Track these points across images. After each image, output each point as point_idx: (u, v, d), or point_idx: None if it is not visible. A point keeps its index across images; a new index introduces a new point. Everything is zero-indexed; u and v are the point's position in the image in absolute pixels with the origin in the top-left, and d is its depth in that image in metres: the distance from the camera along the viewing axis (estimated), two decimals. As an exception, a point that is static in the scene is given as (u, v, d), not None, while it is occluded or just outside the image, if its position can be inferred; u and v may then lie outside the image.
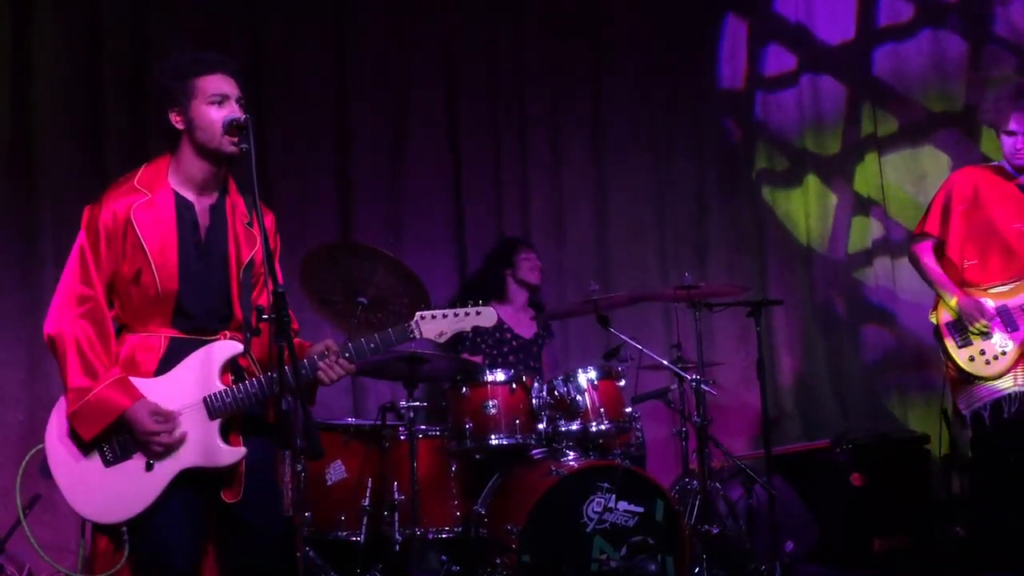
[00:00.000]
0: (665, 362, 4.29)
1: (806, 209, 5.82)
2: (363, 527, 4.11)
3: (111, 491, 2.51)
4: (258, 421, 2.62)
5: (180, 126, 2.62)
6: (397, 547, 4.05)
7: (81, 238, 2.60)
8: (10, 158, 4.68)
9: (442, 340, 2.70)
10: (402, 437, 4.19)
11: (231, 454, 2.55)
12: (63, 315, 2.56)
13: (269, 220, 2.75)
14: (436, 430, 4.30)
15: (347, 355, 2.62)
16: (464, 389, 4.12)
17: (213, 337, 2.63)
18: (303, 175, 5.13)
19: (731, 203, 5.81)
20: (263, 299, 2.66)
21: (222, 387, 2.58)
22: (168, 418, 2.53)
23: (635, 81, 5.75)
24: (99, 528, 2.56)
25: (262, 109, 2.57)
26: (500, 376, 4.14)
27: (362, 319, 4.00)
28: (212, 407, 2.56)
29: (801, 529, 4.55)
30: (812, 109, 5.78)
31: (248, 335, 2.59)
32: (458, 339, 4.70)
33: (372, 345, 2.64)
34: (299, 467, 3.39)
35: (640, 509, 3.78)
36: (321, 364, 2.59)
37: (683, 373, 4.21)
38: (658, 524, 3.78)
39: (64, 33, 4.77)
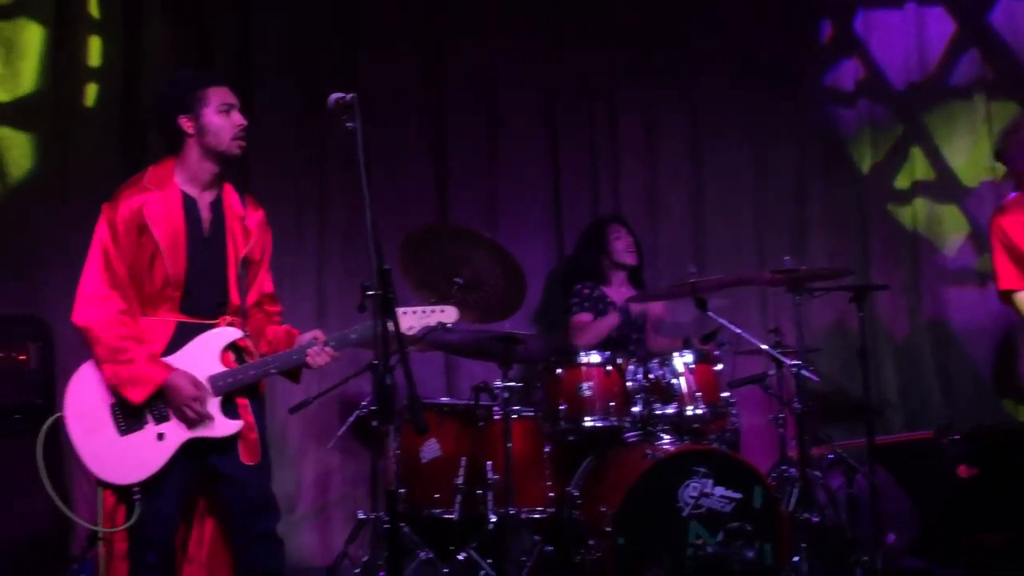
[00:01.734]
0: (764, 347, 4.20)
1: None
2: (457, 505, 4.16)
3: (125, 457, 2.81)
4: (255, 388, 2.99)
5: (190, 131, 2.93)
6: (491, 526, 4.08)
7: (103, 233, 2.89)
8: (122, 149, 4.83)
9: (411, 334, 2.95)
10: (496, 417, 4.21)
11: (230, 426, 2.88)
12: (93, 305, 2.85)
13: (259, 215, 3.08)
14: (530, 411, 4.31)
15: (332, 344, 2.93)
16: (559, 370, 4.11)
17: (214, 321, 2.93)
18: (398, 159, 5.18)
19: (832, 186, 5.64)
20: (255, 291, 3.06)
21: (223, 368, 2.90)
22: (201, 387, 2.83)
23: (732, 62, 5.61)
24: (113, 490, 2.84)
25: (358, 91, 2.64)
26: (595, 358, 4.12)
27: (459, 299, 4.03)
28: (216, 385, 2.88)
29: (903, 521, 4.41)
30: (919, 87, 5.59)
31: (244, 320, 2.98)
32: (566, 307, 4.74)
33: (354, 336, 2.94)
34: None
35: (738, 495, 3.72)
36: (310, 351, 2.91)
37: (783, 358, 4.11)
38: (756, 511, 3.72)
39: (175, 40, 4.91)
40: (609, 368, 4.09)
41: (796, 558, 3.84)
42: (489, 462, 4.16)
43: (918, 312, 5.60)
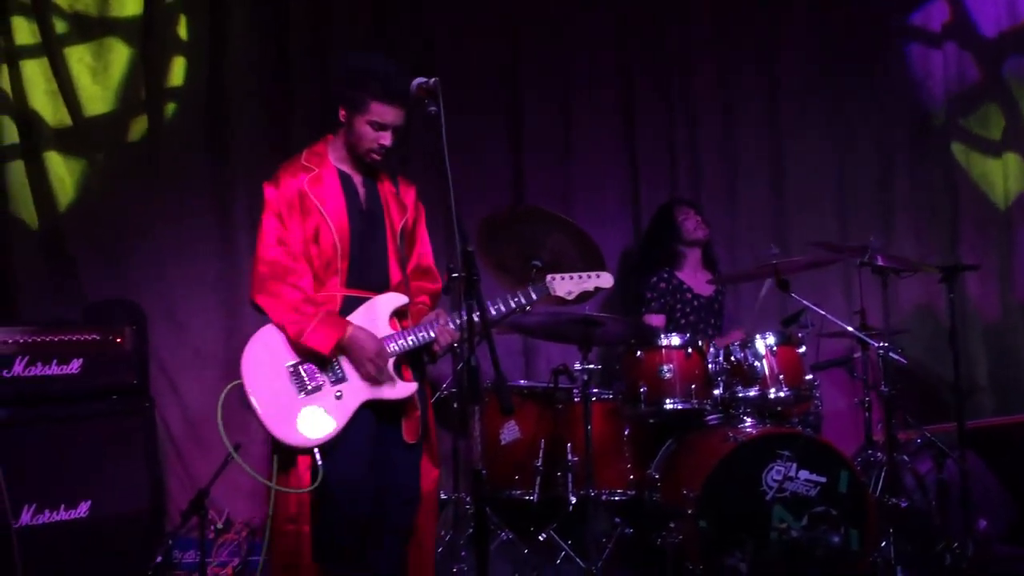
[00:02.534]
0: (850, 328, 4.11)
1: (1004, 171, 5.43)
2: (536, 487, 4.17)
3: (304, 417, 2.83)
4: (419, 364, 3.03)
5: (343, 120, 3.01)
6: (571, 508, 4.09)
7: (268, 211, 2.96)
8: (208, 133, 4.94)
9: (570, 298, 3.14)
10: (576, 399, 4.21)
11: (405, 388, 2.93)
12: (270, 279, 2.91)
13: (413, 190, 3.17)
14: (609, 393, 4.30)
15: (456, 324, 2.93)
16: (639, 353, 4.09)
17: (379, 294, 2.97)
18: (474, 142, 5.19)
19: (919, 166, 5.48)
20: (413, 263, 3.11)
21: (393, 331, 2.95)
22: (381, 344, 2.89)
23: (814, 40, 5.48)
24: (295, 451, 2.84)
25: (435, 72, 2.69)
26: (675, 340, 4.09)
27: (537, 281, 4.02)
28: (388, 347, 2.90)
29: (996, 508, 4.29)
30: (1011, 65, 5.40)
31: (406, 290, 2.98)
32: (640, 300, 4.69)
33: (513, 301, 3.05)
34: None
35: (823, 479, 3.66)
36: (438, 328, 2.93)
37: (870, 340, 4.01)
38: (842, 495, 3.65)
39: (256, 18, 4.99)
40: (690, 350, 4.05)
41: (883, 543, 3.76)
42: (569, 444, 4.16)
43: (1010, 293, 5.42)
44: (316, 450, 2.81)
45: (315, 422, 2.84)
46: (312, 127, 4.87)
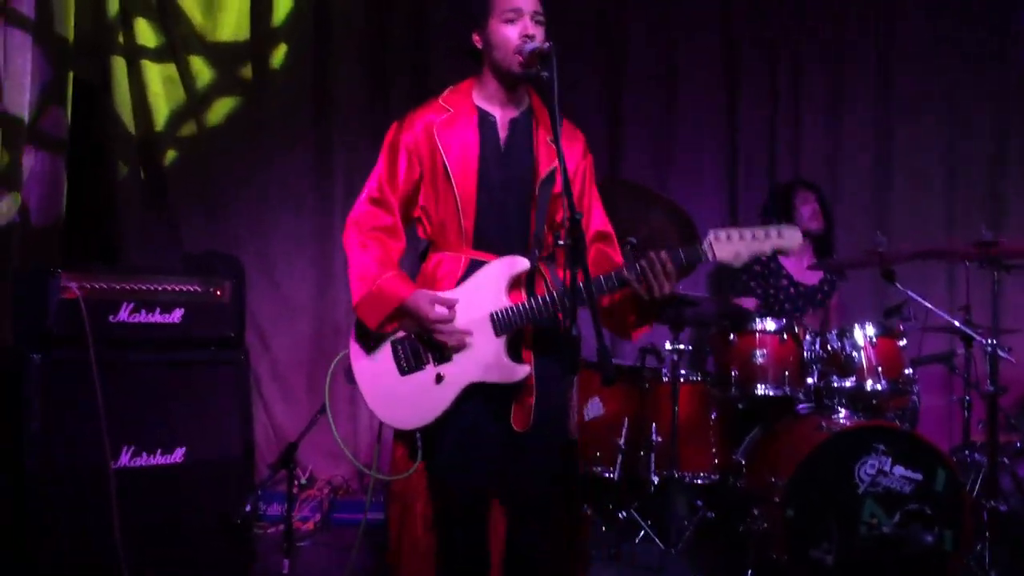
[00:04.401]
0: (957, 323, 3.96)
1: None
2: (618, 464, 4.13)
3: (405, 399, 2.61)
4: (551, 339, 2.56)
5: (480, 46, 2.64)
6: (652, 488, 4.06)
7: (382, 154, 2.69)
8: (312, 93, 4.99)
9: (738, 263, 2.46)
10: (664, 379, 4.16)
11: (517, 371, 2.55)
12: (358, 223, 2.65)
13: (579, 142, 2.75)
14: (697, 375, 4.23)
15: (676, 258, 2.45)
16: (732, 336, 4.00)
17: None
18: (571, 111, 5.14)
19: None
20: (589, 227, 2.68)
21: (509, 303, 2.57)
22: (449, 305, 2.56)
23: (928, 16, 5.25)
24: (397, 434, 2.69)
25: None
26: (771, 325, 3.99)
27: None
28: (497, 322, 2.56)
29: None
30: None
31: (536, 252, 2.57)
32: (734, 279, 4.58)
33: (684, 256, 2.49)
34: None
35: (918, 476, 3.53)
36: (651, 255, 2.44)
37: (978, 337, 3.85)
38: (938, 494, 3.53)
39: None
40: (785, 336, 3.96)
41: (979, 546, 3.64)
42: (654, 424, 4.12)
43: None
44: (417, 435, 2.61)
45: (415, 405, 2.59)
46: (414, 89, 4.91)
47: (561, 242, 2.41)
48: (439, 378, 2.59)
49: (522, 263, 2.60)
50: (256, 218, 4.97)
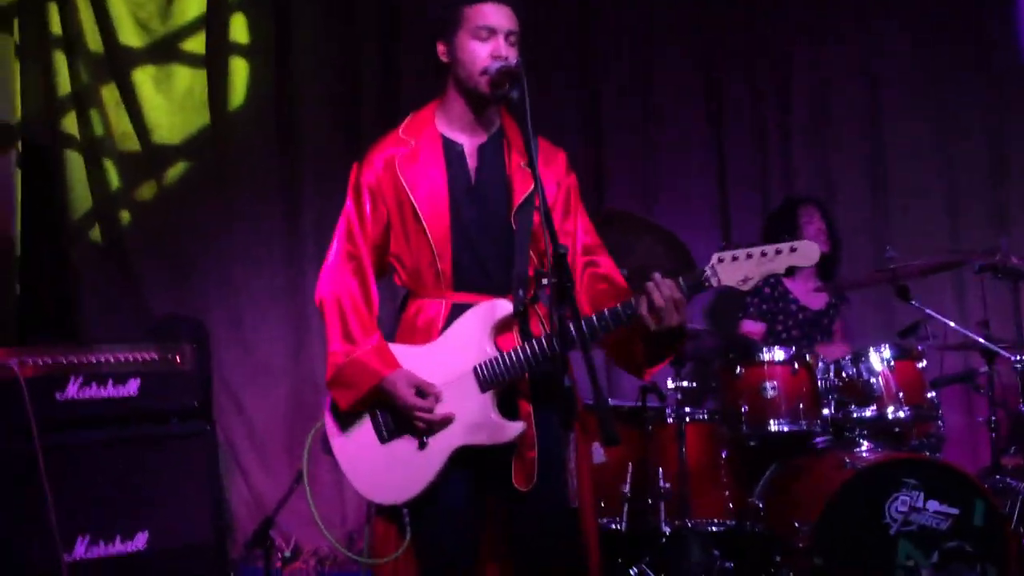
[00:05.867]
0: (980, 339, 3.69)
1: None
2: (624, 515, 3.83)
3: (387, 470, 2.35)
4: (552, 385, 2.23)
5: (445, 59, 2.41)
6: (664, 539, 3.75)
7: (348, 199, 2.46)
8: (277, 140, 4.74)
9: (747, 287, 2.23)
10: (669, 420, 3.86)
11: (507, 430, 2.29)
12: (330, 277, 2.43)
13: (559, 160, 2.50)
14: (703, 413, 3.93)
15: (685, 285, 2.21)
16: (739, 369, 3.72)
17: (496, 297, 2.37)
18: (548, 132, 4.92)
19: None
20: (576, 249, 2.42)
21: (493, 354, 2.32)
22: (428, 390, 2.32)
23: (917, 18, 5.04)
24: (380, 510, 2.40)
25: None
26: (779, 355, 3.71)
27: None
28: (482, 377, 2.31)
29: None
30: None
31: (521, 292, 2.31)
32: (740, 303, 4.30)
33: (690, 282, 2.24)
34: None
35: (955, 511, 3.25)
36: (649, 286, 2.19)
37: (1006, 353, 3.58)
38: (977, 529, 3.24)
39: (323, 11, 4.77)
40: (796, 366, 3.67)
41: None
42: (660, 469, 3.82)
43: None
44: (404, 510, 2.33)
45: (398, 477, 2.33)
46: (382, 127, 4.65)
47: (545, 280, 2.12)
48: (422, 444, 2.33)
49: (503, 307, 2.35)
50: (224, 275, 4.69)
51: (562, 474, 2.12)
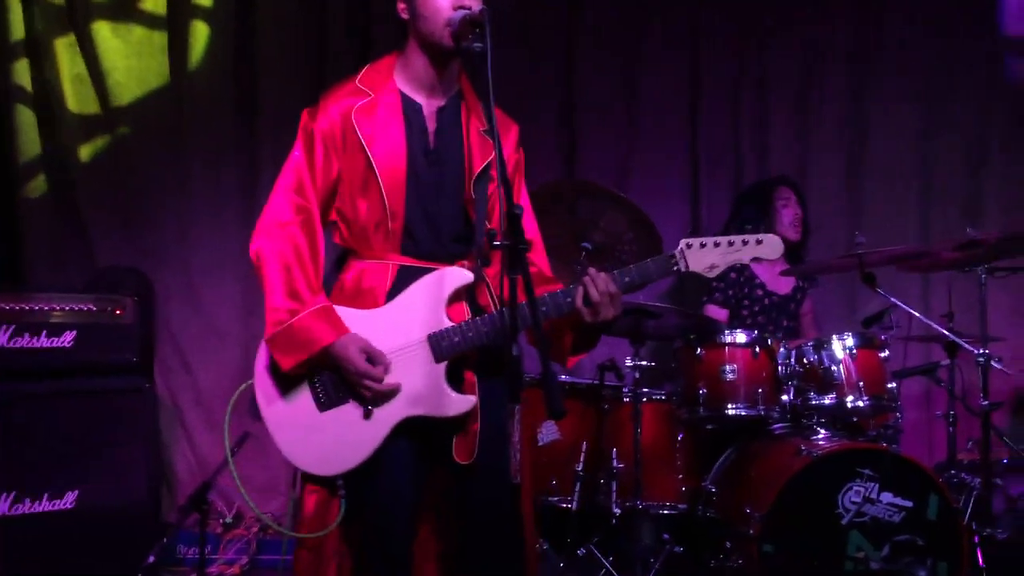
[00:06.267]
0: (944, 331, 3.63)
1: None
2: (576, 494, 3.75)
3: (325, 438, 2.23)
4: (497, 357, 2.19)
5: (404, 15, 2.31)
6: (614, 520, 3.67)
7: (297, 147, 2.31)
8: (236, 102, 4.57)
9: (712, 274, 2.27)
10: (625, 399, 3.78)
11: (459, 403, 2.21)
12: (271, 228, 2.27)
13: (512, 132, 2.42)
14: (662, 394, 3.85)
15: (621, 278, 2.22)
16: (699, 350, 3.63)
17: (448, 265, 2.27)
18: (525, 114, 4.77)
19: (1017, 154, 4.93)
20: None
21: (449, 324, 2.23)
22: (379, 359, 2.21)
23: (907, 11, 4.95)
24: (313, 480, 2.27)
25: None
26: (741, 338, 3.62)
27: (585, 266, 3.61)
28: (437, 347, 2.22)
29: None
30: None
31: (479, 261, 2.22)
32: (707, 288, 4.20)
33: (627, 278, 2.23)
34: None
35: (908, 503, 3.19)
36: (586, 280, 2.18)
37: (971, 347, 3.52)
38: (930, 523, 3.19)
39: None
40: (757, 350, 3.59)
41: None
42: (614, 449, 3.73)
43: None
44: (339, 482, 2.23)
45: (336, 446, 2.21)
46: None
47: (497, 242, 2.01)
48: (367, 414, 2.21)
49: (464, 275, 2.27)
50: (178, 233, 4.54)
51: (506, 448, 2.02)
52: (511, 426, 1.96)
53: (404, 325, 2.24)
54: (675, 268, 2.25)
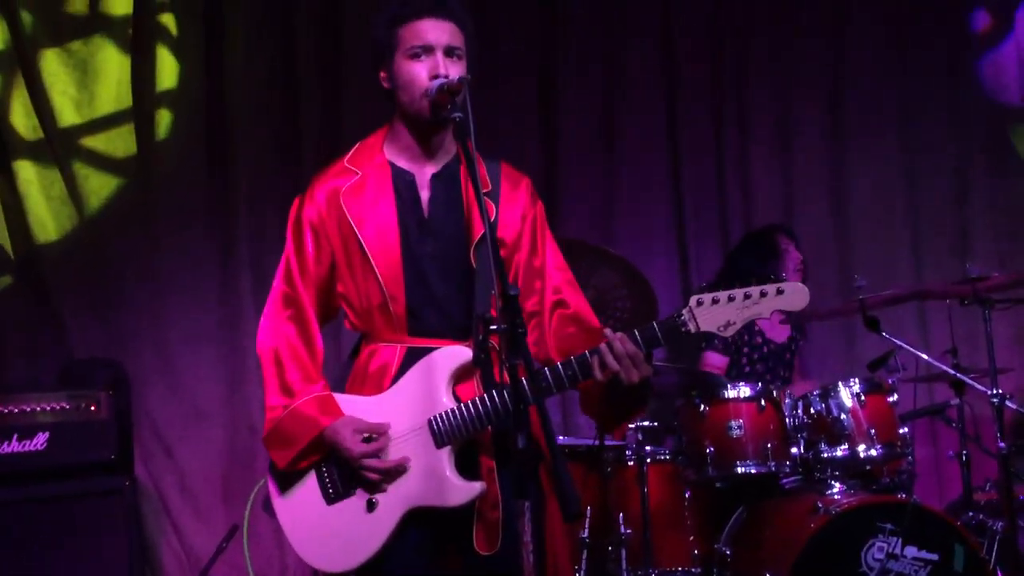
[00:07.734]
0: (953, 372, 3.53)
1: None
2: (583, 563, 3.60)
3: (334, 534, 2.12)
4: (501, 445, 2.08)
5: (386, 84, 2.22)
6: (626, 589, 3.51)
7: (288, 236, 2.25)
8: (209, 172, 4.45)
9: (728, 333, 2.06)
10: (629, 461, 3.64)
11: (462, 491, 2.07)
12: (264, 325, 2.25)
13: (524, 187, 2.29)
14: (666, 452, 3.72)
15: (640, 336, 2.02)
16: (703, 407, 3.50)
17: (458, 342, 2.14)
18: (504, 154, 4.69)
19: (1002, 181, 4.90)
20: (538, 290, 2.21)
21: (451, 405, 2.10)
22: (378, 435, 2.11)
23: (881, 44, 4.94)
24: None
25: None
26: (745, 391, 3.51)
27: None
28: (437, 431, 2.10)
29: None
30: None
31: (479, 337, 2.04)
32: (707, 334, 4.07)
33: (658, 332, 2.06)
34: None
35: (934, 557, 3.07)
36: (602, 347, 1.99)
37: (979, 386, 3.42)
38: (958, 575, 3.05)
39: (255, 31, 4.50)
40: (763, 403, 3.47)
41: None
42: (620, 514, 3.59)
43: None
44: None
45: (346, 541, 2.11)
46: (324, 152, 4.38)
47: (494, 327, 1.87)
48: (371, 505, 2.11)
49: (462, 354, 2.13)
50: (152, 312, 4.36)
51: (517, 545, 1.86)
52: (520, 524, 1.80)
53: (406, 409, 2.14)
54: (684, 329, 2.06)
